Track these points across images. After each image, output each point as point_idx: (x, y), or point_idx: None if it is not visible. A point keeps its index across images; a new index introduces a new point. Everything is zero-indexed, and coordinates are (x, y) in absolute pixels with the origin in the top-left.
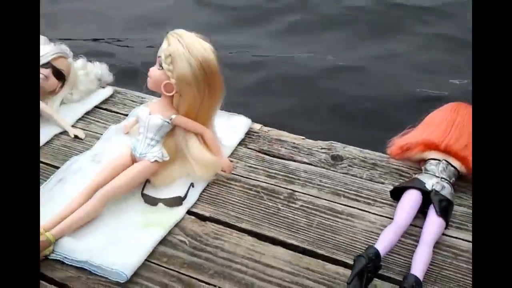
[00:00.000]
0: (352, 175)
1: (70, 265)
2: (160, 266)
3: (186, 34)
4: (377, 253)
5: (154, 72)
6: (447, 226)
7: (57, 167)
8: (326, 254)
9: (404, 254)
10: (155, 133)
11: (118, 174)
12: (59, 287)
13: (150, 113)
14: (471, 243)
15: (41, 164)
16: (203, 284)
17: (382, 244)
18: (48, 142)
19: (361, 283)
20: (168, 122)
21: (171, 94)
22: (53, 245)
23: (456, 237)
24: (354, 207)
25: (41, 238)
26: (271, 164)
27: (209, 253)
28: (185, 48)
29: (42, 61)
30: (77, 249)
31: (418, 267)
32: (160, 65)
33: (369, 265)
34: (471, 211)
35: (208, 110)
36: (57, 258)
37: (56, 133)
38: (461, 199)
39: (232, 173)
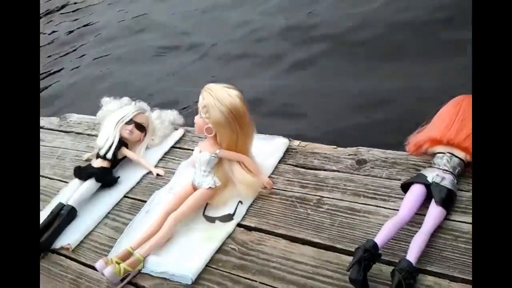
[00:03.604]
0: (373, 176)
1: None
2: (217, 269)
3: (215, 87)
4: (374, 245)
5: (197, 120)
6: (448, 213)
7: (145, 201)
8: (343, 248)
9: (410, 241)
10: (206, 166)
11: (184, 201)
12: None
13: (200, 151)
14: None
15: (134, 200)
16: (248, 280)
17: (380, 237)
18: (138, 182)
19: (359, 269)
20: (214, 156)
21: (211, 135)
22: (143, 262)
23: (459, 221)
24: (371, 205)
25: (133, 258)
26: (304, 176)
27: (252, 256)
28: (215, 99)
29: (126, 119)
30: (158, 263)
31: (413, 252)
32: (201, 114)
33: (366, 255)
34: None
35: (244, 142)
36: (146, 272)
37: (144, 174)
38: (469, 185)
39: (273, 188)
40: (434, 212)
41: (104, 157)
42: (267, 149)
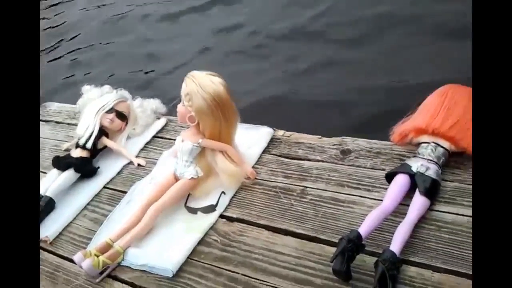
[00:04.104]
0: (357, 166)
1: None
2: (198, 261)
3: (198, 74)
4: (358, 235)
5: (179, 108)
6: (432, 203)
7: (126, 192)
8: (327, 239)
9: (394, 232)
10: (188, 156)
11: (165, 192)
12: (129, 285)
13: (183, 140)
14: (455, 215)
15: (113, 191)
16: (229, 272)
17: (363, 227)
18: (119, 172)
19: (343, 260)
20: (196, 146)
21: (194, 124)
22: (123, 255)
23: (443, 211)
24: (355, 195)
25: (113, 250)
26: (288, 166)
27: (235, 248)
28: (198, 86)
29: (106, 108)
30: (139, 255)
31: (396, 243)
32: (183, 102)
33: (349, 246)
34: (462, 185)
35: (227, 131)
36: (126, 265)
37: (125, 164)
38: (453, 175)
39: (256, 178)
40: (418, 202)
41: (83, 147)
42: (251, 138)
